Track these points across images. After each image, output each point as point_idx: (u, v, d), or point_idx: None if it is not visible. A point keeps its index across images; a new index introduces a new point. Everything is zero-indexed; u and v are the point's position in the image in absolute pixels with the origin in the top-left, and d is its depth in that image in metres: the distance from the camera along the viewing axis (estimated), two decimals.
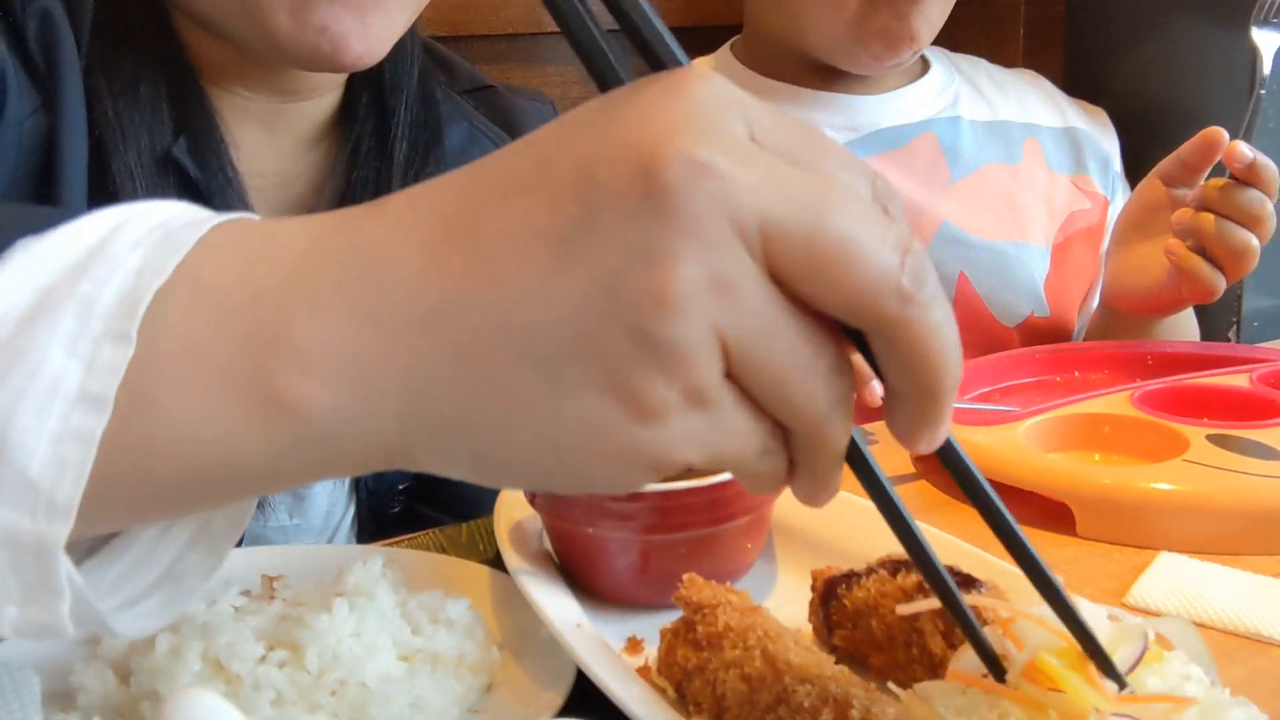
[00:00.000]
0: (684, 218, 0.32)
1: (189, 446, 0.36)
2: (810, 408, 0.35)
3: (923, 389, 0.36)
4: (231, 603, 0.61)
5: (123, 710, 0.56)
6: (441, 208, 0.36)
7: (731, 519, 0.64)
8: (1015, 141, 1.31)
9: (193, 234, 0.37)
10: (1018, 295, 1.24)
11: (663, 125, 0.33)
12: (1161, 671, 0.46)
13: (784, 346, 0.34)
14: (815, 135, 0.36)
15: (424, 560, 0.72)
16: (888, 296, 0.33)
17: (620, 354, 0.33)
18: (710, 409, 0.34)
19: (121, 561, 0.42)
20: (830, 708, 0.46)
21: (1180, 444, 0.80)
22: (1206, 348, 1.06)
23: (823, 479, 0.38)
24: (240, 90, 0.85)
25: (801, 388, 0.35)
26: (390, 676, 0.57)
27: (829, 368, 0.35)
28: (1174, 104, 1.40)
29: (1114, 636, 0.46)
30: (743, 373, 0.34)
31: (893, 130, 1.25)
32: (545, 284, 0.33)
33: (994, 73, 1.38)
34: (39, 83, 0.77)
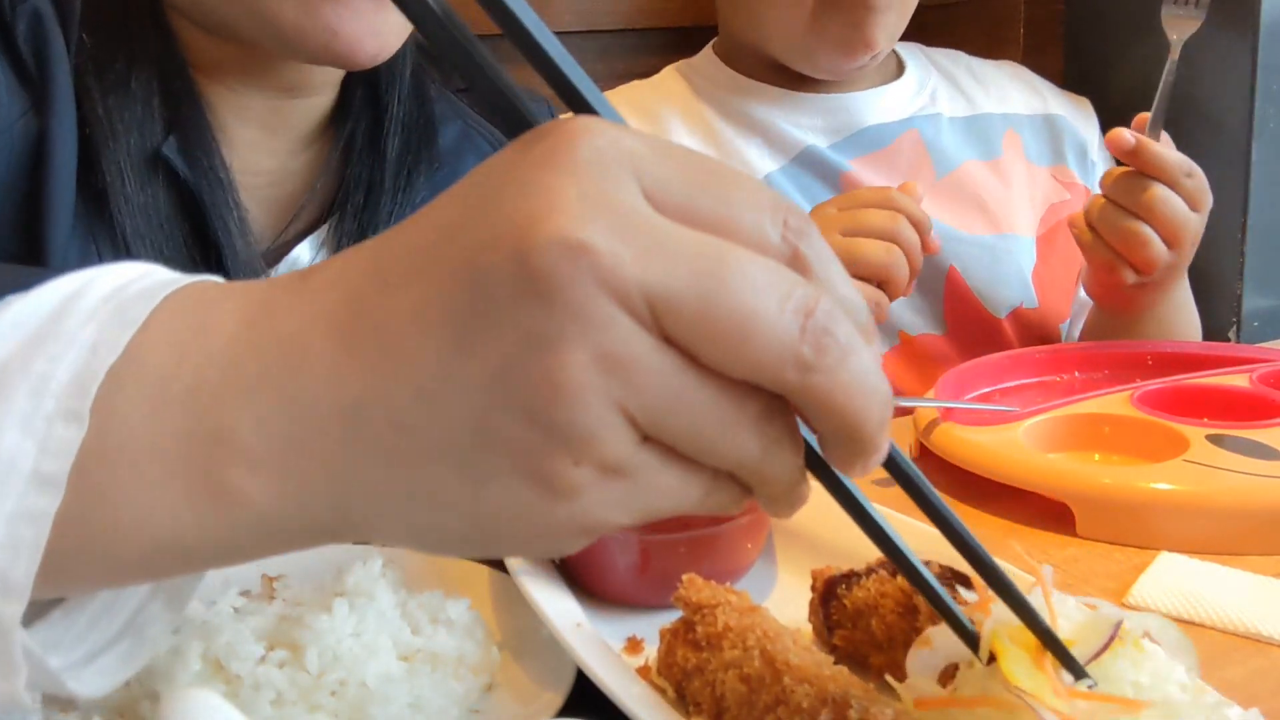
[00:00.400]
0: (566, 301, 0.32)
1: (142, 531, 0.37)
2: (742, 455, 0.35)
3: (846, 435, 0.35)
4: (231, 603, 0.61)
5: (123, 710, 0.56)
6: (353, 288, 0.36)
7: (731, 519, 0.64)
8: (994, 135, 1.32)
9: (145, 307, 0.37)
10: (1007, 287, 1.25)
11: (539, 203, 0.32)
12: (1142, 665, 0.45)
13: (698, 408, 0.34)
14: (721, 177, 0.35)
15: (424, 560, 0.72)
16: (787, 368, 0.33)
17: (525, 441, 0.33)
18: (630, 476, 0.34)
19: (85, 614, 0.43)
20: (829, 708, 0.46)
21: (1180, 444, 0.80)
22: (1206, 348, 1.06)
23: (783, 500, 0.38)
24: (238, 88, 0.85)
25: (727, 442, 0.34)
26: (390, 676, 0.57)
27: (758, 414, 0.35)
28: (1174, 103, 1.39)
29: (1084, 626, 0.46)
30: (661, 437, 0.34)
31: (876, 130, 1.26)
32: (444, 378, 0.33)
33: (974, 66, 1.39)
34: (29, 84, 0.76)
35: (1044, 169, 1.33)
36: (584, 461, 0.33)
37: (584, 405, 0.32)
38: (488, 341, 0.33)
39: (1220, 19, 1.31)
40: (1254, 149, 1.30)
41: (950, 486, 0.84)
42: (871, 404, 0.35)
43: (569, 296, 0.32)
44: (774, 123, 1.24)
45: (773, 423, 0.35)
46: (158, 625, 0.46)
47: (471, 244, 0.33)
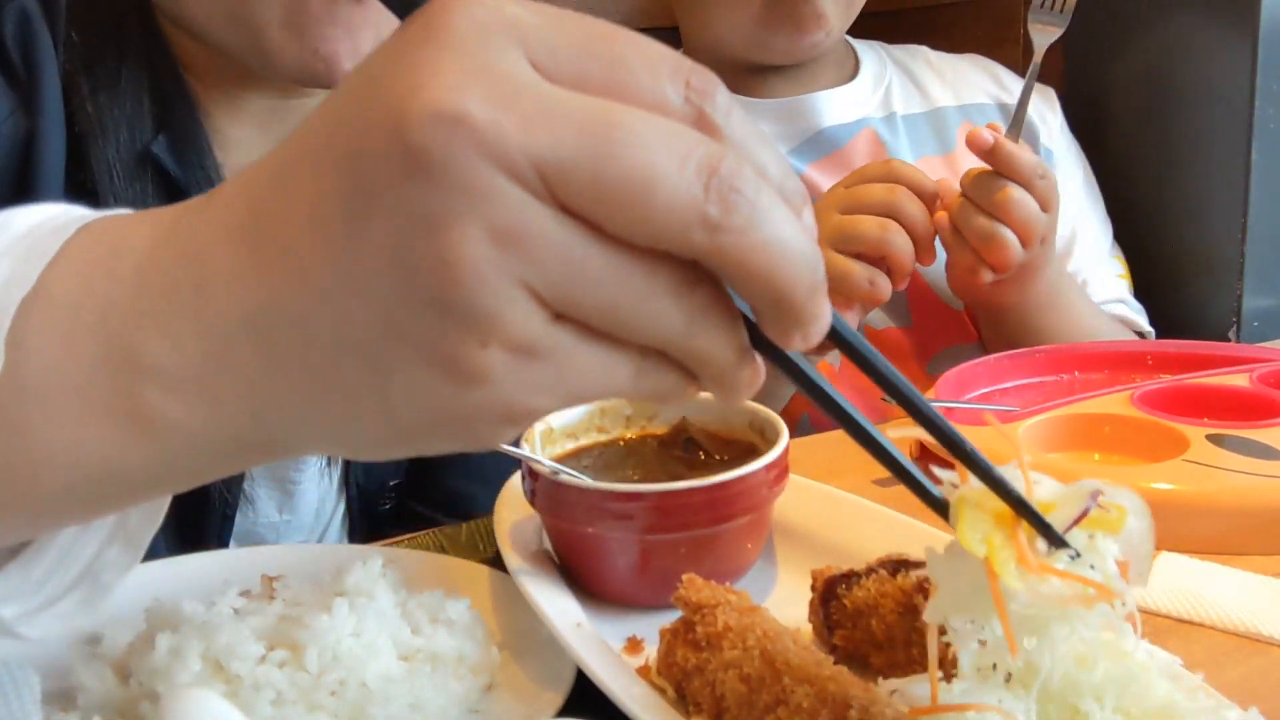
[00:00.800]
0: (449, 176, 0.30)
1: (67, 464, 0.37)
2: (664, 329, 0.34)
3: (772, 302, 0.34)
4: (231, 603, 0.61)
5: (123, 710, 0.56)
6: (254, 196, 0.36)
7: (731, 519, 0.64)
8: (949, 128, 1.33)
9: (57, 240, 0.37)
10: None
11: (413, 77, 0.31)
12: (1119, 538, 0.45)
13: (605, 279, 0.32)
14: (615, 41, 0.33)
15: (424, 560, 0.72)
16: (692, 229, 0.32)
17: (427, 327, 0.32)
18: (545, 356, 0.33)
19: (43, 561, 0.43)
20: (829, 708, 0.46)
21: (1180, 444, 0.80)
22: (1206, 348, 1.06)
23: (728, 382, 0.36)
24: (231, 89, 0.84)
25: (643, 314, 0.33)
26: (390, 676, 0.57)
27: (674, 284, 0.33)
28: (1174, 103, 1.39)
29: (1059, 497, 0.45)
30: (572, 313, 0.33)
31: (831, 131, 1.27)
32: (341, 273, 0.33)
33: (934, 59, 1.39)
34: (16, 84, 0.76)
35: None
36: (490, 343, 0.32)
37: (481, 284, 0.31)
38: (377, 229, 0.32)
39: (1220, 19, 1.31)
40: (1254, 149, 1.29)
41: None
42: (795, 266, 0.33)
43: (451, 171, 0.30)
44: None
45: (694, 293, 0.34)
46: (114, 570, 0.45)
47: (353, 130, 0.32)
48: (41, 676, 0.55)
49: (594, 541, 0.64)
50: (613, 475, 0.70)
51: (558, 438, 0.72)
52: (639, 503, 0.62)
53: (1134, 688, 0.48)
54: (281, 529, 0.91)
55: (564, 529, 0.65)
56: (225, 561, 0.72)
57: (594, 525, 0.63)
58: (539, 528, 0.69)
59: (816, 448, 0.97)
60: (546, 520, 0.67)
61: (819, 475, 0.78)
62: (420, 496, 0.97)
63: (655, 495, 0.62)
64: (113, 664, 0.59)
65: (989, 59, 1.43)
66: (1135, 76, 1.46)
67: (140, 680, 0.56)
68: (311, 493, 0.91)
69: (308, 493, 0.91)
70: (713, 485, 0.62)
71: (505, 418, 0.34)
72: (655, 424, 0.75)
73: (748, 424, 0.73)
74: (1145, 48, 1.43)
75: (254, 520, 0.90)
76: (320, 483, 0.91)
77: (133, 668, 0.57)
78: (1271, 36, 1.26)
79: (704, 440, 0.73)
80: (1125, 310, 1.31)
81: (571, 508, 0.64)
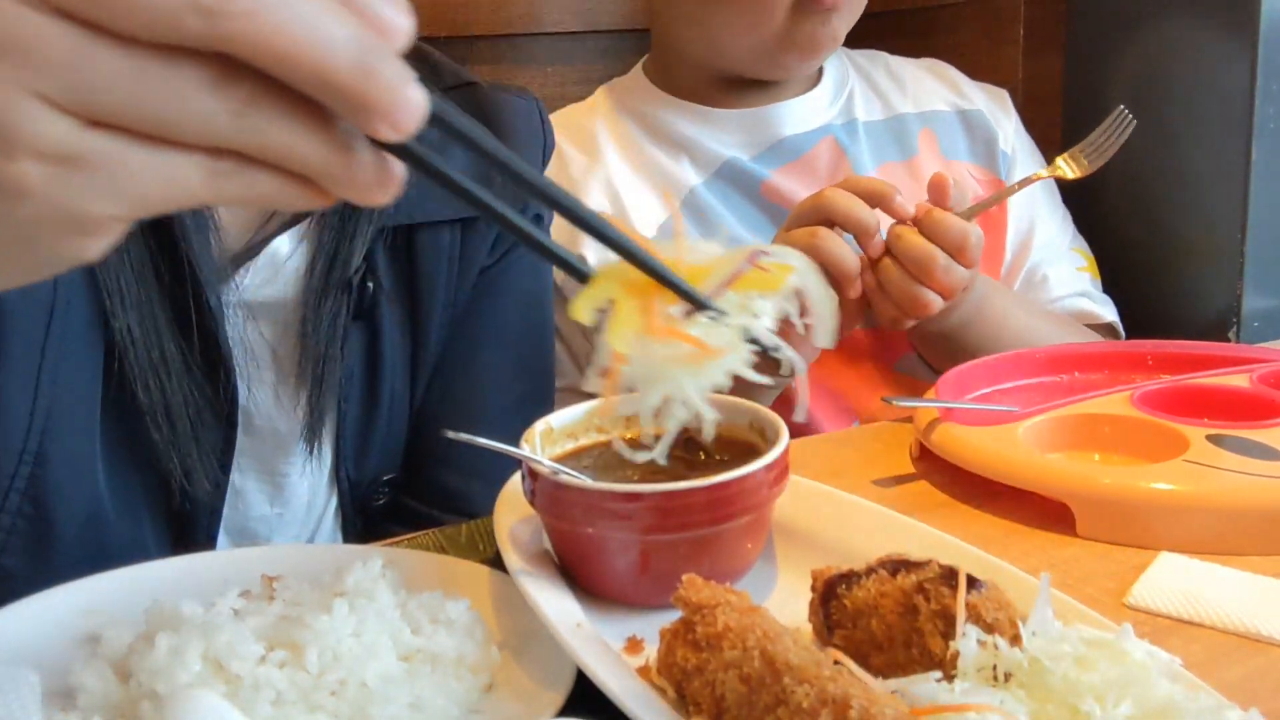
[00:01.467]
0: None
1: None
2: (208, 124, 0.34)
3: (320, 88, 0.34)
4: (231, 603, 0.61)
5: (123, 710, 0.56)
6: None
7: (731, 519, 0.64)
8: (910, 134, 1.35)
9: None
10: None
11: None
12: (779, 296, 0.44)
13: (120, 79, 0.33)
14: None
15: (424, 560, 0.72)
16: (186, 18, 0.32)
17: None
18: (88, 163, 0.33)
19: None
20: (829, 708, 0.46)
21: (1180, 444, 0.80)
22: (1206, 348, 1.06)
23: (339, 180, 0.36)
24: None
25: (176, 110, 0.33)
26: (390, 676, 0.57)
27: (205, 78, 0.33)
28: (1174, 103, 1.39)
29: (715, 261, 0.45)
30: (103, 118, 0.33)
31: (793, 140, 1.29)
32: None
33: (894, 65, 1.41)
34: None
35: (960, 163, 1.35)
36: (17, 155, 0.33)
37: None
38: None
39: (1220, 19, 1.31)
40: (1254, 149, 1.29)
41: (950, 486, 0.84)
42: (324, 45, 0.33)
43: None
44: (697, 139, 1.29)
45: (234, 86, 0.34)
46: None
47: None
48: (41, 676, 0.55)
49: (594, 541, 0.64)
50: (613, 475, 0.70)
51: (558, 438, 0.72)
52: (639, 503, 0.62)
53: (1134, 688, 0.48)
54: (273, 522, 0.91)
55: (564, 529, 0.65)
56: (225, 561, 0.72)
57: (594, 525, 0.63)
58: (539, 528, 0.69)
59: (816, 448, 0.97)
60: (546, 520, 0.67)
61: (819, 475, 0.78)
62: (415, 493, 0.98)
63: (655, 495, 0.62)
64: (113, 664, 0.59)
65: (947, 64, 1.45)
66: (1135, 76, 1.46)
67: (140, 680, 0.56)
68: (301, 486, 0.91)
69: (297, 486, 0.91)
70: (713, 485, 0.62)
71: (69, 227, 0.35)
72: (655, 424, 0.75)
73: (748, 424, 0.73)
74: (1145, 48, 1.43)
75: (244, 514, 0.90)
76: (308, 474, 0.91)
77: (133, 668, 0.57)
78: (1271, 36, 1.27)
79: (704, 440, 0.73)
80: (1087, 303, 1.32)
81: (571, 508, 0.64)
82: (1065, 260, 1.35)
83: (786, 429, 0.69)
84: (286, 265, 0.85)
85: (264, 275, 0.85)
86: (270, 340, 0.87)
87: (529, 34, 1.59)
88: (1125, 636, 0.51)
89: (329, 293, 0.85)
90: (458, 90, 0.98)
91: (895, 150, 1.33)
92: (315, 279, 0.85)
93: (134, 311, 0.76)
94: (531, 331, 1.02)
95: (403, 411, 0.94)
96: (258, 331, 0.86)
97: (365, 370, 0.91)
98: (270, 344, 0.87)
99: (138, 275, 0.76)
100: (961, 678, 0.50)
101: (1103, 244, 1.51)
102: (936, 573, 0.55)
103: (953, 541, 0.67)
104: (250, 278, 0.84)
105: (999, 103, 1.41)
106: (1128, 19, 1.45)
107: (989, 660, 0.51)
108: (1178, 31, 1.38)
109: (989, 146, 1.37)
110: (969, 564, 0.57)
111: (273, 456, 0.90)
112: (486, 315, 0.97)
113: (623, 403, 0.75)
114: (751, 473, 0.63)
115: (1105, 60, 1.50)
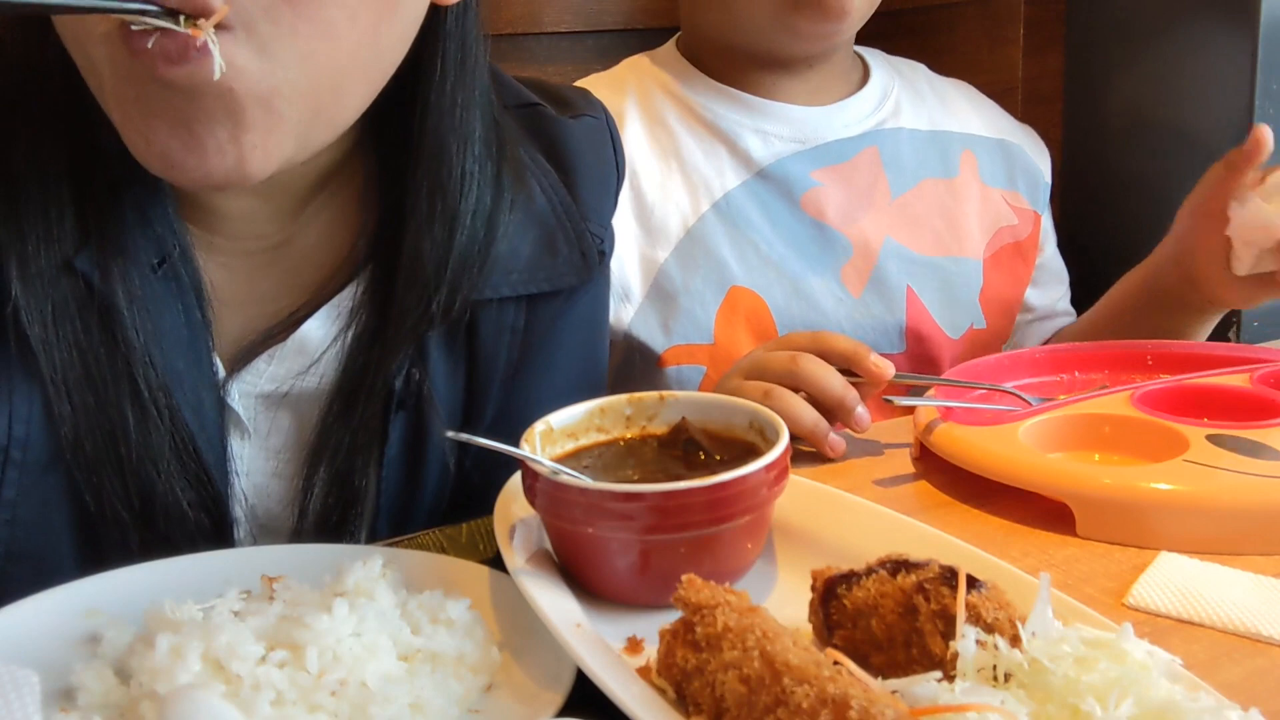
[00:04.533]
0: None
1: None
2: None
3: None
4: (231, 603, 0.61)
5: (123, 710, 0.56)
6: None
7: (731, 519, 0.64)
8: (953, 154, 1.33)
9: None
10: (960, 308, 1.28)
11: None
12: None
13: None
14: None
15: (424, 560, 0.72)
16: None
17: None
18: None
19: None
20: (829, 708, 0.46)
21: (1180, 444, 0.80)
22: (1206, 348, 1.06)
23: None
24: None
25: None
26: (390, 676, 0.57)
27: None
28: (1175, 102, 1.40)
29: None
30: None
31: (838, 144, 1.27)
32: None
33: (934, 80, 1.40)
34: None
35: (997, 190, 1.35)
36: None
37: None
38: None
39: (1220, 19, 1.31)
40: None
41: (950, 486, 0.84)
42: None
43: None
44: (737, 133, 1.24)
45: None
46: None
47: None
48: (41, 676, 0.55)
49: (594, 541, 0.64)
50: (613, 475, 0.70)
51: (558, 438, 0.72)
52: (639, 503, 0.62)
53: (1134, 688, 0.48)
54: None
55: (564, 529, 0.65)
56: (225, 561, 0.72)
57: (594, 525, 0.63)
58: (539, 528, 0.69)
59: None
60: (546, 520, 0.67)
61: (819, 475, 0.78)
62: None
63: (655, 495, 0.62)
64: (113, 664, 0.59)
65: (976, 89, 1.44)
66: (1135, 76, 1.46)
67: (140, 680, 0.56)
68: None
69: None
70: (713, 485, 0.62)
71: None
72: (655, 424, 0.75)
73: (748, 424, 0.73)
74: (1146, 48, 1.43)
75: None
76: None
77: (133, 668, 0.57)
78: (1271, 36, 1.27)
79: (704, 440, 0.73)
80: None
81: (571, 508, 0.64)
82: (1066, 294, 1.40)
83: (786, 429, 0.69)
84: (316, 352, 0.80)
85: (291, 365, 0.80)
86: (292, 432, 0.82)
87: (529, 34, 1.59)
88: (1125, 636, 0.51)
89: (365, 388, 0.80)
90: (519, 110, 0.92)
91: (939, 166, 1.31)
92: (349, 377, 0.79)
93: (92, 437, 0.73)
94: (588, 354, 0.96)
95: (447, 476, 0.87)
96: (275, 422, 0.81)
97: (407, 450, 0.84)
98: (292, 437, 0.82)
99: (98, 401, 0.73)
100: (961, 678, 0.50)
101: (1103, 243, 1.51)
102: (936, 573, 0.55)
103: (953, 541, 0.67)
104: (274, 367, 0.80)
105: (1033, 139, 1.41)
106: (1128, 19, 1.45)
107: (989, 660, 0.51)
108: (1178, 32, 1.38)
109: (1031, 178, 1.36)
110: (969, 564, 0.58)
111: None
112: (545, 355, 0.90)
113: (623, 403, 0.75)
114: (751, 473, 0.63)
115: (1105, 60, 1.50)
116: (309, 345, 0.81)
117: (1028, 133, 1.41)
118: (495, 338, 0.86)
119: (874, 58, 1.36)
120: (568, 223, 0.88)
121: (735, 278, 1.20)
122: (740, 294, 1.20)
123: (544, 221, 0.87)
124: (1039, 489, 0.78)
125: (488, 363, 0.86)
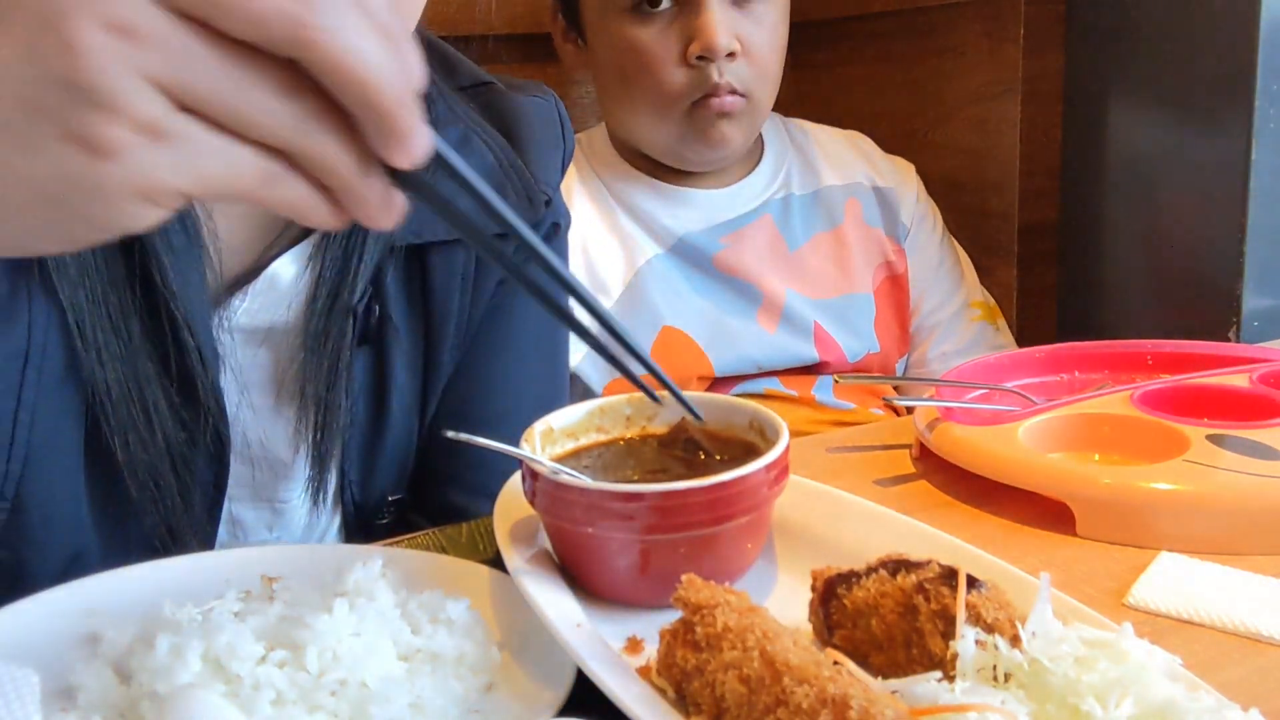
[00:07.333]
0: None
1: None
2: (274, 125, 0.40)
3: (361, 104, 0.40)
4: (231, 604, 0.61)
5: (123, 710, 0.56)
6: None
7: (731, 519, 0.64)
8: (837, 205, 1.53)
9: None
10: (858, 338, 1.47)
11: None
12: None
13: (215, 73, 0.39)
14: None
15: (424, 560, 0.72)
16: (278, 21, 0.38)
17: (59, 105, 0.38)
18: (174, 139, 0.39)
19: None
20: (829, 708, 0.46)
21: (1180, 444, 0.80)
22: (1206, 348, 1.06)
23: (354, 196, 0.42)
24: None
25: (253, 108, 0.39)
26: (390, 676, 0.57)
27: (282, 84, 0.40)
28: (1174, 103, 1.39)
29: None
30: (192, 103, 0.39)
31: (739, 217, 1.47)
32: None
33: (823, 139, 1.59)
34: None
35: (877, 230, 1.54)
36: (116, 121, 0.38)
37: (102, 68, 0.37)
38: (11, 24, 0.38)
39: (1220, 19, 1.31)
40: (1254, 149, 1.30)
41: (950, 486, 0.84)
42: (381, 71, 0.40)
43: None
44: (654, 214, 1.45)
45: (301, 97, 0.40)
46: None
47: None
48: (41, 676, 0.55)
49: (594, 541, 0.64)
50: (613, 475, 0.70)
51: (558, 438, 0.72)
52: (639, 503, 0.62)
53: (1134, 688, 0.48)
54: None
55: (564, 529, 0.65)
56: (225, 562, 0.72)
57: (594, 525, 0.63)
58: (539, 528, 0.69)
59: (816, 448, 0.97)
60: (546, 520, 0.67)
61: (819, 475, 0.78)
62: (421, 510, 0.96)
63: (655, 495, 0.62)
64: (113, 664, 0.59)
65: (864, 136, 1.62)
66: (1135, 76, 1.46)
67: (140, 680, 0.56)
68: (301, 511, 0.90)
69: (297, 511, 0.90)
70: (713, 485, 0.62)
71: (142, 192, 0.40)
72: (655, 424, 0.75)
73: (748, 424, 0.73)
74: (1146, 49, 1.43)
75: (241, 540, 0.89)
76: (308, 500, 0.89)
77: (133, 668, 0.57)
78: (1271, 36, 1.27)
79: (704, 440, 0.73)
80: (983, 350, 1.49)
81: (571, 508, 0.64)
82: (959, 317, 1.54)
83: (786, 429, 0.69)
84: (288, 290, 0.83)
85: (264, 300, 0.83)
86: (270, 367, 0.85)
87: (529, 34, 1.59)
88: (1125, 636, 0.51)
89: (333, 318, 0.83)
90: (474, 89, 0.96)
91: (826, 220, 1.52)
92: (319, 304, 0.83)
93: (111, 365, 0.74)
94: (548, 336, 1.00)
95: (411, 432, 0.92)
96: (256, 358, 0.84)
97: (371, 394, 0.89)
98: (270, 370, 0.85)
99: (115, 327, 0.74)
100: (961, 678, 0.50)
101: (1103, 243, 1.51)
102: (936, 573, 0.55)
103: (953, 541, 0.67)
104: (249, 303, 0.82)
105: (905, 175, 1.57)
106: (1128, 19, 1.45)
107: (989, 660, 0.51)
108: (1177, 31, 1.38)
109: (892, 217, 1.55)
110: (969, 564, 0.57)
111: (271, 485, 0.88)
112: (502, 326, 0.95)
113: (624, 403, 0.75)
114: (751, 473, 0.63)
115: (1105, 60, 1.50)
116: (280, 282, 0.84)
117: (900, 169, 1.58)
118: (447, 281, 0.90)
119: (770, 131, 1.54)
120: (515, 176, 0.92)
121: (665, 319, 1.41)
122: (671, 332, 1.41)
123: (492, 175, 0.91)
124: (1039, 489, 0.78)
125: (442, 306, 0.91)
